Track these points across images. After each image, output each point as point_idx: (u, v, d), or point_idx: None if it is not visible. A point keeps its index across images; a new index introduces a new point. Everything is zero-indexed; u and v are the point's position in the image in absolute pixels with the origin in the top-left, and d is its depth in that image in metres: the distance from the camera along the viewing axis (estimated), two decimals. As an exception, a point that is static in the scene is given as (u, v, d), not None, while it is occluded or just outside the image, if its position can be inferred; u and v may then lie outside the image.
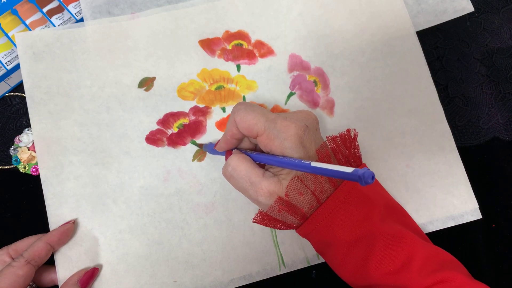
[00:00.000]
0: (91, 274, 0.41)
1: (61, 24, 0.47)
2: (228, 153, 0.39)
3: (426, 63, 0.48)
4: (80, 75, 0.46)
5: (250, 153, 0.38)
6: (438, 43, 0.50)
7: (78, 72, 0.46)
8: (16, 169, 0.45)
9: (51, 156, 0.44)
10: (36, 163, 0.44)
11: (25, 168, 0.45)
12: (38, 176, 0.43)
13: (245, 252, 0.44)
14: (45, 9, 0.47)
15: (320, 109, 0.47)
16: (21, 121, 0.46)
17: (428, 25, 0.50)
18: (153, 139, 0.45)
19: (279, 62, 0.48)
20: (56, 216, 0.43)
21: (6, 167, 0.45)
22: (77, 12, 0.48)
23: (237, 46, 0.48)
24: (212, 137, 0.46)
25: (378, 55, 0.48)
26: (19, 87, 0.47)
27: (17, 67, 0.46)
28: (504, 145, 0.48)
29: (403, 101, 0.47)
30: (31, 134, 0.45)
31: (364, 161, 0.45)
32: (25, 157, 0.44)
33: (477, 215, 0.45)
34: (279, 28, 0.48)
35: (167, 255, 0.43)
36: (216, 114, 0.46)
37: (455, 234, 0.45)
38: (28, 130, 0.45)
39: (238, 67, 0.47)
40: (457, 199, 0.45)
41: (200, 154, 0.45)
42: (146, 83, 0.46)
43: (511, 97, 0.49)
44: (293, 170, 0.35)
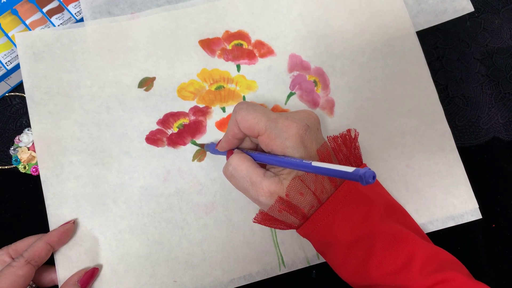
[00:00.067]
0: (91, 274, 0.41)
1: (61, 24, 0.47)
2: (229, 153, 0.39)
3: (426, 63, 0.48)
4: (80, 75, 0.46)
5: (251, 153, 0.38)
6: (438, 43, 0.50)
7: (78, 72, 0.46)
8: (16, 169, 0.45)
9: (51, 156, 0.44)
10: (36, 163, 0.44)
11: (25, 168, 0.45)
12: (38, 176, 0.43)
13: (245, 252, 0.44)
14: (45, 9, 0.47)
15: (320, 109, 0.47)
16: (21, 121, 0.46)
17: (428, 25, 0.50)
18: (153, 139, 0.45)
19: (279, 62, 0.48)
20: (56, 216, 0.43)
21: (6, 167, 0.45)
22: (77, 12, 0.48)
23: (237, 46, 0.48)
24: (212, 137, 0.46)
25: (378, 55, 0.48)
26: (19, 87, 0.47)
27: (17, 67, 0.46)
28: (504, 145, 0.48)
29: (403, 101, 0.47)
30: (31, 134, 0.45)
31: (364, 161, 0.46)
32: (25, 157, 0.44)
33: (477, 215, 0.45)
34: (279, 28, 0.48)
35: (167, 255, 0.43)
36: (216, 114, 0.46)
37: (455, 234, 0.45)
38: (28, 130, 0.45)
39: (238, 67, 0.47)
40: (457, 199, 0.46)
41: (200, 154, 0.45)
42: (146, 83, 0.46)
43: (511, 97, 0.49)
44: (294, 170, 0.35)
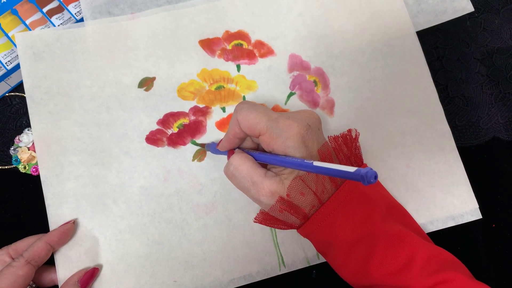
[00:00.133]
0: (91, 274, 0.41)
1: (61, 24, 0.47)
2: (230, 153, 0.39)
3: (426, 63, 0.48)
4: (80, 75, 0.46)
5: (252, 153, 0.38)
6: (438, 43, 0.50)
7: (78, 72, 0.46)
8: (16, 169, 0.45)
9: (51, 156, 0.44)
10: (36, 163, 0.44)
11: (25, 168, 0.45)
12: (38, 176, 0.43)
13: (245, 252, 0.44)
14: (45, 9, 0.47)
15: (320, 109, 0.47)
16: (21, 121, 0.46)
17: (428, 25, 0.50)
18: (153, 139, 0.45)
19: (279, 62, 0.48)
20: (56, 216, 0.43)
21: (6, 167, 0.45)
22: (77, 12, 0.48)
23: (237, 46, 0.48)
24: (212, 137, 0.46)
25: (378, 55, 0.48)
26: (19, 87, 0.47)
27: (17, 67, 0.46)
28: (504, 145, 0.48)
29: (403, 101, 0.47)
30: (31, 134, 0.45)
31: (364, 161, 0.45)
32: (25, 157, 0.44)
33: (477, 215, 0.45)
34: (279, 28, 0.48)
35: (167, 255, 0.43)
36: (216, 114, 0.46)
37: (455, 234, 0.45)
38: (28, 130, 0.45)
39: (238, 67, 0.47)
40: (457, 199, 0.46)
41: (200, 154, 0.45)
42: (146, 83, 0.46)
43: (511, 97, 0.49)
44: (295, 170, 0.35)
